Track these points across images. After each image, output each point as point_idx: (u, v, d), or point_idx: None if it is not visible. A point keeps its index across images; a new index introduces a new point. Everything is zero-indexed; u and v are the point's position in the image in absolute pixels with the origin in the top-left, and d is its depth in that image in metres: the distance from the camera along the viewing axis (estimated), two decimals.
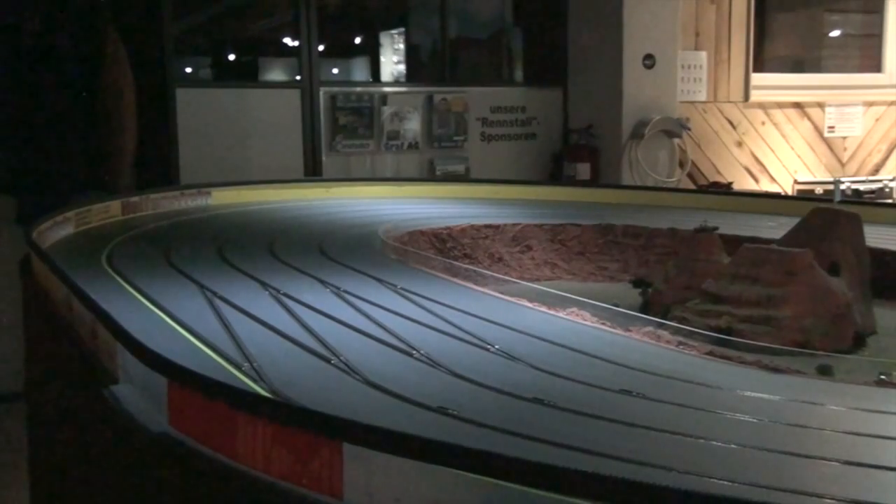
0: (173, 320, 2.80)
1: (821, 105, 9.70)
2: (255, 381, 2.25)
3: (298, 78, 7.91)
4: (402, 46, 8.99)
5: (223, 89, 7.86)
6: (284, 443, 1.71)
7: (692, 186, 8.86)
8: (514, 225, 5.15)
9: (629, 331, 3.06)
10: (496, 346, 2.65)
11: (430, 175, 8.17)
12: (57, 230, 4.30)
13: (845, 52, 10.14)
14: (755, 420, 2.17)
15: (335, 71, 8.94)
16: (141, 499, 2.18)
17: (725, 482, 1.72)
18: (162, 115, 7.29)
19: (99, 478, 2.56)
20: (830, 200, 5.96)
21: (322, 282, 3.44)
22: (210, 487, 1.85)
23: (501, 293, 3.50)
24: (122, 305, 2.92)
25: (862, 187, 9.50)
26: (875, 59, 9.99)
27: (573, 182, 8.19)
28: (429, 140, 8.30)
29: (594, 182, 8.27)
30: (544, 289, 3.64)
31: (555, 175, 8.62)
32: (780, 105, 9.57)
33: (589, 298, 3.34)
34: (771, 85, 9.46)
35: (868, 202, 8.32)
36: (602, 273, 4.96)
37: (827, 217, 3.87)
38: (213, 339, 2.58)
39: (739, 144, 9.41)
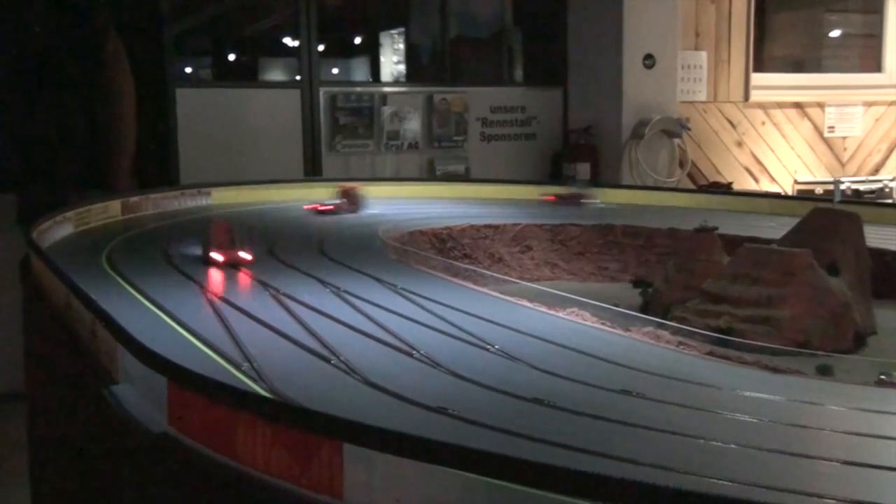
0: (173, 320, 2.80)
1: (821, 105, 9.70)
2: (255, 381, 2.25)
3: (298, 78, 7.91)
4: (402, 46, 8.99)
5: (223, 89, 7.86)
6: (284, 443, 1.71)
7: (692, 186, 8.85)
8: (514, 225, 5.15)
9: (629, 331, 3.06)
10: (496, 346, 2.65)
11: (430, 175, 8.17)
12: (57, 230, 4.30)
13: (845, 52, 10.14)
14: (755, 420, 2.17)
15: (335, 71, 8.94)
16: (141, 498, 2.18)
17: (725, 482, 1.72)
18: (162, 115, 7.29)
19: (99, 477, 2.56)
20: (830, 200, 5.96)
21: (322, 282, 3.44)
22: (210, 487, 1.85)
23: (501, 293, 3.50)
24: (122, 305, 2.92)
25: (862, 187, 9.50)
26: (875, 59, 9.99)
27: (573, 182, 8.18)
28: (429, 140, 8.30)
29: (594, 182, 8.26)
30: (544, 289, 3.64)
31: (555, 175, 8.62)
32: (780, 105, 9.56)
33: (589, 298, 3.34)
34: (771, 85, 9.46)
35: (868, 202, 8.31)
36: (602, 273, 4.96)
37: (827, 217, 3.87)
38: (213, 339, 2.58)
39: (739, 144, 9.41)
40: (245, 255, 3.82)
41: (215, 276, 3.50)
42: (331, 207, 5.46)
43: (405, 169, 8.17)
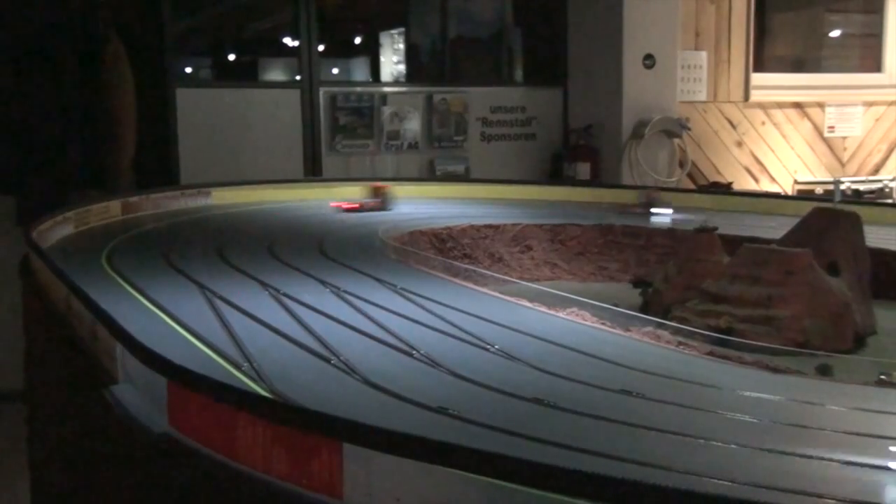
0: (173, 320, 2.80)
1: (821, 105, 9.70)
2: (254, 381, 2.25)
3: (298, 78, 7.91)
4: (402, 46, 8.99)
5: (223, 89, 7.86)
6: (284, 443, 1.71)
7: (692, 186, 8.85)
8: (514, 225, 5.15)
9: (629, 331, 3.06)
10: (496, 346, 2.65)
11: (430, 175, 8.17)
12: (57, 230, 4.30)
13: (845, 52, 10.14)
14: (755, 420, 2.17)
15: (335, 71, 8.94)
16: (141, 499, 2.18)
17: (725, 482, 1.72)
18: (162, 115, 7.29)
19: (99, 478, 2.56)
20: (830, 200, 5.96)
21: (322, 282, 3.44)
22: (210, 487, 1.85)
23: (501, 293, 3.50)
24: (122, 305, 2.92)
25: (862, 187, 9.50)
26: (875, 59, 9.99)
27: (573, 182, 8.19)
28: (429, 140, 8.30)
29: (594, 182, 8.27)
30: (544, 289, 3.64)
31: (555, 175, 8.62)
32: (780, 105, 9.56)
33: (589, 298, 3.34)
34: (771, 85, 9.46)
35: (868, 202, 8.31)
36: (602, 273, 4.96)
37: (827, 217, 3.87)
38: (213, 339, 2.58)
39: (739, 144, 9.41)
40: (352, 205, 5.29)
41: (215, 276, 3.49)
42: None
43: (405, 169, 8.17)
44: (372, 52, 9.13)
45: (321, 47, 8.00)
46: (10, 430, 5.24)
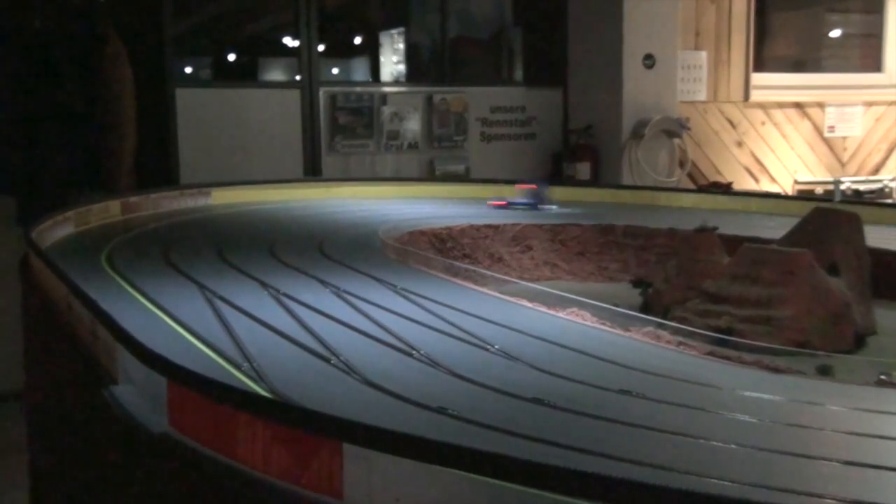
0: (173, 320, 2.80)
1: (821, 105, 9.70)
2: (255, 381, 2.25)
3: (298, 78, 7.91)
4: (402, 46, 8.99)
5: (223, 89, 7.86)
6: (284, 443, 1.71)
7: (692, 186, 8.85)
8: (514, 225, 5.15)
9: (629, 331, 3.06)
10: (496, 346, 2.65)
11: (430, 175, 8.17)
12: (57, 230, 4.30)
13: (845, 52, 10.14)
14: (755, 420, 2.17)
15: (335, 71, 8.94)
16: (141, 499, 2.18)
17: (725, 482, 1.72)
18: (162, 115, 7.30)
19: (99, 478, 2.56)
20: (830, 200, 5.95)
21: (322, 282, 3.44)
22: (210, 487, 1.85)
23: (501, 293, 3.50)
24: (122, 305, 2.92)
25: (862, 187, 9.50)
26: (875, 59, 9.99)
27: (573, 182, 8.18)
28: (429, 140, 8.30)
29: (594, 182, 8.27)
30: (544, 289, 3.64)
31: (555, 175, 8.62)
32: (780, 105, 9.56)
33: (589, 298, 3.34)
34: (771, 85, 9.46)
35: (868, 202, 8.31)
36: (602, 273, 4.96)
37: (827, 217, 3.87)
38: (213, 339, 2.58)
39: (739, 144, 9.40)
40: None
41: (215, 276, 3.49)
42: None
43: (405, 169, 8.17)
44: (372, 52, 9.13)
45: (321, 47, 8.00)
46: (10, 431, 5.24)
